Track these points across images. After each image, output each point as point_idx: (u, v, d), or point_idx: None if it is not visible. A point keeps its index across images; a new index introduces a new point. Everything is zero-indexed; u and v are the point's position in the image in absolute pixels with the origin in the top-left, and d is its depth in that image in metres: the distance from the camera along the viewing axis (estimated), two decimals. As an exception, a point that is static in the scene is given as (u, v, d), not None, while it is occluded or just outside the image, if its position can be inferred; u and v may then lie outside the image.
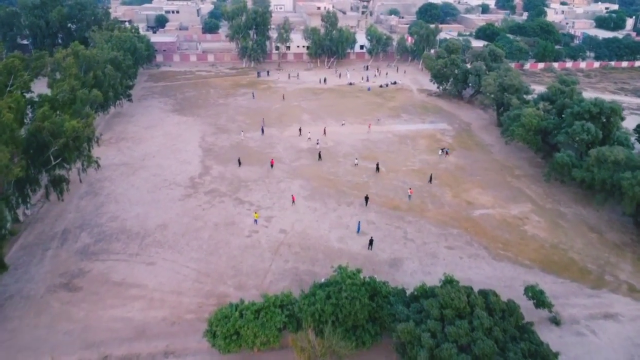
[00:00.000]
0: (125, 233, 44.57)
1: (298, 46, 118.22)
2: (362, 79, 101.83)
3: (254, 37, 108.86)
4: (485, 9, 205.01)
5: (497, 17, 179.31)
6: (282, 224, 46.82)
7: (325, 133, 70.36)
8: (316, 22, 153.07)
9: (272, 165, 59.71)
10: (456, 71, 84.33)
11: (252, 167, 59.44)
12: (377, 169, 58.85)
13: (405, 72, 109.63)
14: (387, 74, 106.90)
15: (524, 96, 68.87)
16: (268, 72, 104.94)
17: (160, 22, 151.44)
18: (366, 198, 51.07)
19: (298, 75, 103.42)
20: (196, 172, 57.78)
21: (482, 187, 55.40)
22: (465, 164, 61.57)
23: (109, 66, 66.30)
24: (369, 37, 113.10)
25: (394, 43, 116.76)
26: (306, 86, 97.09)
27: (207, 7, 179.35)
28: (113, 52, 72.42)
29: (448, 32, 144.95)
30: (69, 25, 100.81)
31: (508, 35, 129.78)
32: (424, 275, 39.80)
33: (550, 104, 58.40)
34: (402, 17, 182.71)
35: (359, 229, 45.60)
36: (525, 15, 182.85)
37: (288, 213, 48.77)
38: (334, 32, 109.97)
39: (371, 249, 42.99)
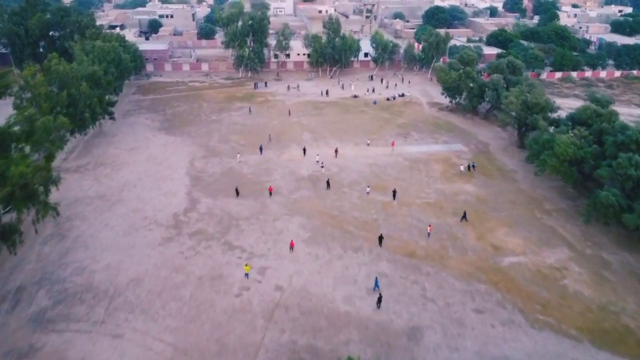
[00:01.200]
0: (92, 291, 37.67)
1: (298, 54, 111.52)
2: (368, 90, 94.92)
3: (250, 45, 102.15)
4: (493, 12, 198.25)
5: (507, 21, 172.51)
6: (278, 277, 39.89)
7: (337, 155, 63.69)
8: (318, 27, 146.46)
9: (270, 194, 53.12)
10: (471, 84, 77.40)
11: (245, 199, 52.54)
12: (394, 196, 52.34)
13: (410, 82, 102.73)
14: (395, 85, 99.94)
15: (549, 114, 62.00)
16: (266, 83, 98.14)
17: (153, 27, 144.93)
18: (380, 238, 44.33)
19: (298, 86, 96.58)
20: (181, 206, 50.89)
21: (509, 225, 48.42)
22: (488, 196, 54.61)
23: (84, 83, 59.40)
24: (374, 45, 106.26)
25: (401, 51, 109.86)
26: (307, 99, 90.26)
27: (203, 11, 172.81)
28: (92, 67, 65.56)
29: (457, 38, 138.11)
30: (51, 33, 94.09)
31: (521, 41, 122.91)
32: (450, 351, 32.85)
33: (585, 128, 51.40)
34: (408, 21, 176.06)
35: (376, 285, 38.62)
36: (536, 19, 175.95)
37: (285, 262, 41.85)
38: (337, 39, 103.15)
39: (379, 307, 36.22)
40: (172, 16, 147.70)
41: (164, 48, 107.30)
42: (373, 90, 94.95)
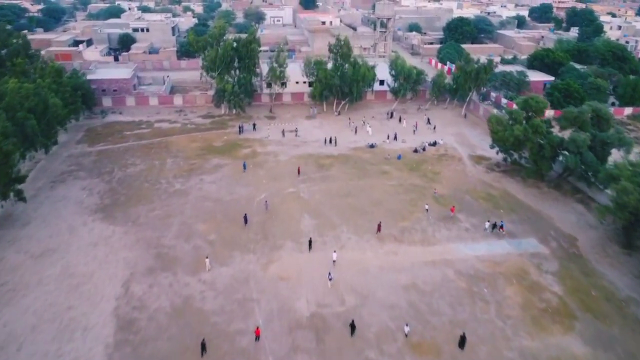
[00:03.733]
0: None
1: (297, 82, 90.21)
2: (388, 138, 73.55)
3: (235, 74, 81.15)
4: (521, 21, 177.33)
5: (541, 34, 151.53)
6: None
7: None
8: (321, 43, 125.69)
9: (257, 338, 32.58)
10: (541, 141, 56.06)
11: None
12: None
13: (440, 121, 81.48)
14: (432, 127, 78.74)
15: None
16: (254, 125, 76.85)
17: (125, 44, 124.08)
18: None
19: (297, 131, 75.35)
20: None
21: None
22: (611, 366, 33.26)
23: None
24: (393, 73, 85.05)
25: (428, 79, 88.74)
26: (308, 151, 69.14)
27: (187, 22, 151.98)
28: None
29: (489, 57, 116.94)
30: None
31: (573, 64, 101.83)
32: None
33: None
34: (425, 34, 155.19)
35: None
36: (573, 31, 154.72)
37: None
38: (346, 65, 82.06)
39: None
40: (147, 30, 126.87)
41: (125, 77, 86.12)
42: (395, 138, 73.66)
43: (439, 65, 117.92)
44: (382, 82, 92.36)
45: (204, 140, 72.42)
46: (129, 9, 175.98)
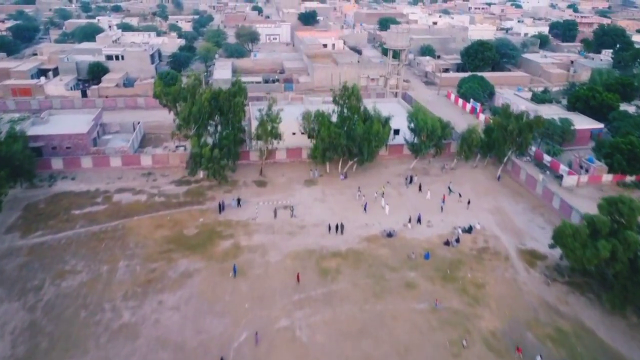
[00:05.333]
0: None
1: (294, 133, 74.57)
2: (409, 221, 58.02)
3: (217, 129, 65.83)
4: (544, 41, 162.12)
5: (569, 58, 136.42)
6: None
7: None
8: (322, 73, 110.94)
9: None
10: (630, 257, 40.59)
11: None
12: None
13: (469, 186, 66.15)
14: (463, 199, 63.32)
15: None
16: (239, 200, 61.28)
17: (96, 74, 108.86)
18: None
19: (292, 210, 59.79)
20: None
21: None
22: None
23: None
24: (412, 127, 69.70)
25: (455, 131, 73.49)
26: (306, 242, 53.82)
27: (171, 44, 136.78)
28: None
29: (517, 92, 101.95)
30: None
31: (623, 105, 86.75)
32: None
33: None
34: (439, 57, 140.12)
35: None
36: (606, 54, 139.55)
37: None
38: (356, 117, 66.71)
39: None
40: (122, 57, 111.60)
41: (81, 131, 70.62)
42: (418, 220, 58.21)
43: (459, 101, 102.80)
44: (397, 132, 76.98)
45: (174, 224, 56.93)
46: (109, 27, 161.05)
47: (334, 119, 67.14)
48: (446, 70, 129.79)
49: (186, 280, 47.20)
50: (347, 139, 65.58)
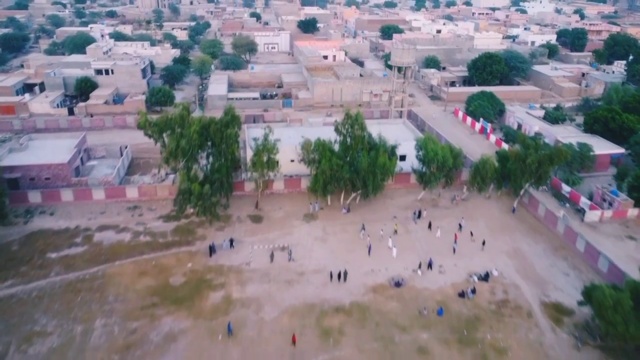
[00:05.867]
0: None
1: (292, 160, 69.34)
2: (419, 267, 52.82)
3: (208, 160, 60.65)
4: (553, 50, 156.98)
5: (580, 70, 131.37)
6: None
7: None
8: (323, 89, 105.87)
9: None
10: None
11: None
12: None
13: (480, 219, 60.99)
14: (477, 239, 58.13)
15: None
16: (232, 241, 56.08)
17: (84, 90, 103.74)
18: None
19: (291, 253, 54.57)
20: None
21: None
22: None
23: None
24: (421, 156, 64.46)
25: (467, 160, 68.41)
26: (305, 294, 48.66)
27: (165, 55, 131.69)
28: None
29: (529, 110, 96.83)
30: None
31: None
32: None
33: None
34: (444, 68, 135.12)
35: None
36: (618, 65, 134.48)
37: None
38: (359, 146, 61.51)
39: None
40: (112, 72, 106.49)
41: (61, 161, 65.42)
42: (429, 265, 53.02)
43: (468, 119, 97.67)
44: (403, 158, 71.72)
45: (159, 271, 51.74)
46: (102, 35, 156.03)
47: (336, 145, 62.06)
48: (452, 84, 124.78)
49: (170, 345, 41.99)
50: (351, 172, 60.48)
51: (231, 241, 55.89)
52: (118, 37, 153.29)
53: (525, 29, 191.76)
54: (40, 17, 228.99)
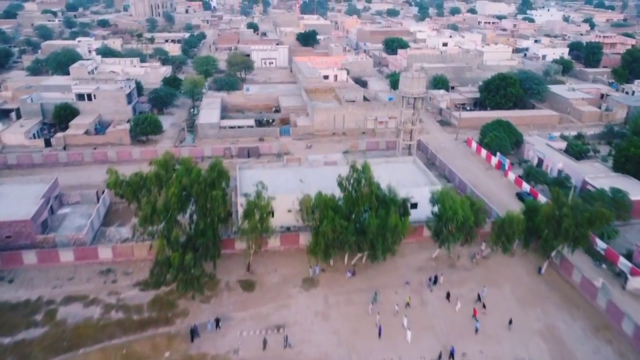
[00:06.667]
0: None
1: (289, 210, 61.62)
2: (439, 357, 44.91)
3: (192, 219, 52.73)
4: (567, 66, 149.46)
5: (599, 90, 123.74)
6: None
7: None
8: (323, 116, 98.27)
9: None
10: None
11: None
12: None
13: (503, 285, 53.07)
14: (503, 319, 50.28)
15: None
16: (217, 321, 48.15)
17: (62, 117, 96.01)
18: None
19: (287, 339, 46.57)
20: None
21: None
22: None
23: None
24: (437, 211, 56.62)
25: (487, 216, 60.59)
26: (305, 399, 40.69)
27: (155, 75, 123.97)
28: None
29: (549, 142, 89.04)
30: None
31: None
32: None
33: None
34: (453, 87, 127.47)
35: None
36: (638, 84, 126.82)
37: None
38: (367, 204, 53.58)
39: None
40: (94, 97, 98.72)
41: (24, 217, 57.44)
42: (451, 355, 45.10)
43: (482, 151, 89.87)
44: (414, 206, 63.62)
45: (130, 363, 43.84)
46: (89, 51, 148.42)
47: (339, 193, 54.36)
48: (462, 106, 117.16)
49: None
50: (357, 233, 52.66)
51: (217, 321, 48.01)
52: (106, 52, 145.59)
53: (535, 41, 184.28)
54: (29, 26, 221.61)
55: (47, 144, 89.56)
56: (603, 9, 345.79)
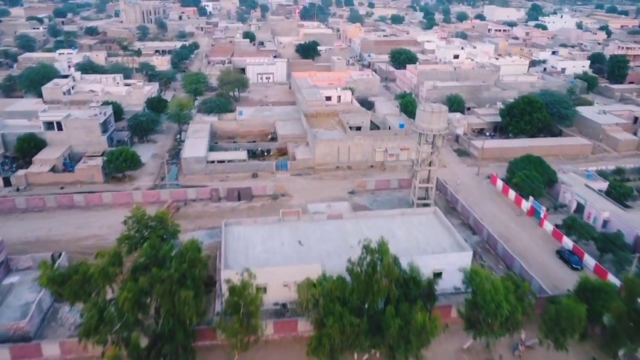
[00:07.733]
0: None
1: (286, 285, 50.47)
2: None
3: (158, 314, 40.97)
4: (592, 83, 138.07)
5: (632, 113, 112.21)
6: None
7: None
8: (325, 148, 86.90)
9: None
10: None
11: None
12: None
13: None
14: None
15: None
16: None
17: (26, 150, 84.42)
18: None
19: None
20: None
21: None
22: None
23: None
24: (470, 296, 45.08)
25: (534, 298, 48.86)
26: None
27: (138, 95, 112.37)
28: None
29: (588, 182, 77.48)
30: None
31: None
32: None
33: None
34: (469, 109, 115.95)
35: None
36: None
37: None
38: (383, 294, 41.87)
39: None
40: (61, 128, 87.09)
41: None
42: None
43: (509, 191, 78.27)
44: (438, 275, 52.06)
45: None
46: (69, 66, 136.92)
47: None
48: (481, 132, 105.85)
49: None
50: (372, 336, 40.97)
51: None
52: (87, 67, 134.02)
53: (553, 52, 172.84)
54: (12, 34, 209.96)
55: (7, 183, 78.03)
56: (616, 15, 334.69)
